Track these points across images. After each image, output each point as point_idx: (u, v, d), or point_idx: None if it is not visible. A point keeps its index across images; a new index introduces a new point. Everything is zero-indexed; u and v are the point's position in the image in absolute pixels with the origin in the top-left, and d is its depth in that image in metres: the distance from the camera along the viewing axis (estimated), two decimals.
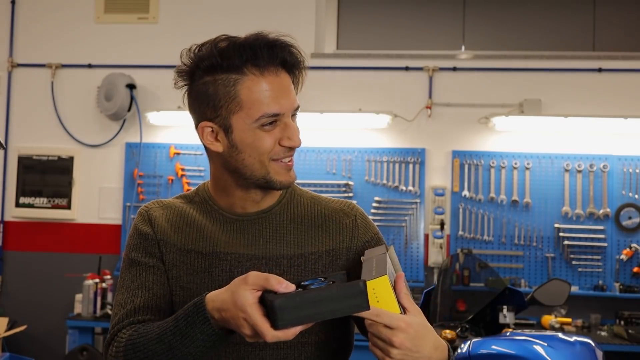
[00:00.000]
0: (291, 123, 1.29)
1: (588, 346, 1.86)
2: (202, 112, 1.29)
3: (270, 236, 1.35)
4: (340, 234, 1.37)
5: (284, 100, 1.26)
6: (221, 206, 1.37)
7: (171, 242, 1.35)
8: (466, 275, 4.04)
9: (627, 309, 4.27)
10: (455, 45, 4.86)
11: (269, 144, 1.27)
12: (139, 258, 1.34)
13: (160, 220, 1.37)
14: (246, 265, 1.32)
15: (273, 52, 1.25)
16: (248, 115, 1.25)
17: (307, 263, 1.34)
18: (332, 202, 1.43)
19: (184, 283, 1.32)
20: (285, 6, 4.75)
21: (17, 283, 4.89)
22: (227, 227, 1.35)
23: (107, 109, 4.71)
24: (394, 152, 4.64)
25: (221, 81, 1.25)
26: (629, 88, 4.58)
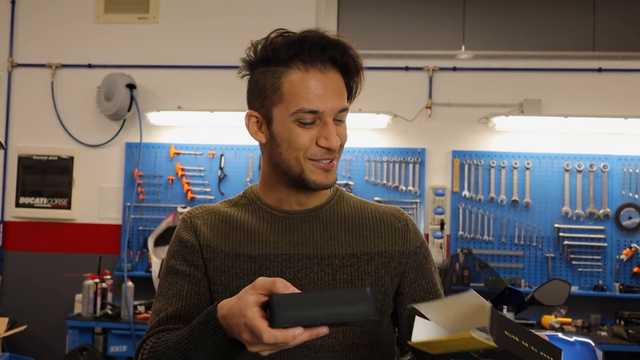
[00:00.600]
0: (330, 123, 1.26)
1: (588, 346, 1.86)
2: (251, 101, 1.31)
3: (321, 235, 1.32)
4: (393, 237, 1.36)
5: (327, 98, 1.24)
6: (269, 204, 1.35)
7: (218, 248, 1.32)
8: (466, 275, 4.04)
9: (627, 309, 4.27)
10: (455, 45, 4.85)
11: (304, 141, 1.25)
12: (177, 266, 1.33)
13: (205, 227, 1.34)
14: (297, 266, 1.29)
15: (322, 49, 1.24)
16: (287, 108, 1.24)
17: (360, 263, 1.31)
18: (381, 206, 1.41)
19: (233, 288, 1.28)
20: (285, 6, 4.75)
21: (17, 283, 4.89)
22: (276, 225, 1.33)
23: (107, 109, 4.71)
24: (394, 152, 4.64)
25: (270, 73, 1.26)
26: (629, 88, 4.58)
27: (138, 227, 4.77)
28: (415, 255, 1.37)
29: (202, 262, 1.31)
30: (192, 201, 4.70)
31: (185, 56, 4.84)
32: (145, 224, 4.75)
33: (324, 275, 1.29)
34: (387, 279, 1.33)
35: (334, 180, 1.31)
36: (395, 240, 1.35)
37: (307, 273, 1.29)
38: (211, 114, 4.62)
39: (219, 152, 4.73)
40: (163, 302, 1.31)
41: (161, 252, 4.41)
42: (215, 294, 1.30)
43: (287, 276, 1.28)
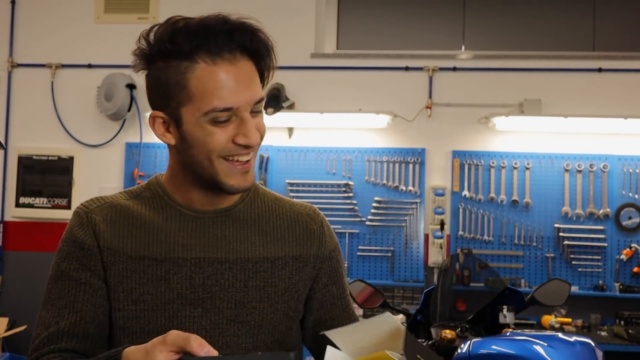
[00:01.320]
0: (248, 118, 1.14)
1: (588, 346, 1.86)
2: (154, 100, 1.19)
3: (234, 236, 1.23)
4: (309, 240, 1.29)
5: (241, 92, 1.12)
6: (178, 201, 1.24)
7: (119, 250, 1.18)
8: (466, 275, 4.04)
9: (627, 309, 4.27)
10: (455, 45, 4.85)
11: (220, 141, 1.13)
12: (70, 271, 1.18)
13: (104, 225, 1.20)
14: (208, 271, 1.19)
15: (228, 36, 1.12)
16: (197, 109, 1.11)
17: (274, 269, 1.24)
18: (296, 204, 1.34)
19: (136, 295, 1.17)
20: (285, 6, 4.75)
21: (17, 283, 4.89)
22: (185, 225, 1.21)
23: (107, 109, 4.71)
24: (394, 152, 4.64)
25: (172, 68, 1.13)
26: (629, 88, 4.58)
27: None
28: (329, 260, 1.32)
29: (100, 266, 1.18)
30: None
31: None
32: None
33: (236, 281, 1.21)
34: (301, 284, 1.27)
35: (252, 181, 1.21)
36: (311, 243, 1.29)
37: (218, 279, 1.20)
38: None
39: None
40: (52, 312, 1.17)
41: None
42: (116, 302, 1.18)
43: (197, 282, 1.19)
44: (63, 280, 1.19)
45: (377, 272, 4.57)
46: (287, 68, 4.68)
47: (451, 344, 2.17)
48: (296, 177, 4.65)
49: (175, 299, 1.18)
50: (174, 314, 1.18)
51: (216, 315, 1.20)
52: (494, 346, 1.88)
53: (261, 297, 1.22)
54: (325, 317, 1.33)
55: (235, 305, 1.21)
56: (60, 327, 1.15)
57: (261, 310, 1.22)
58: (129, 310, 1.18)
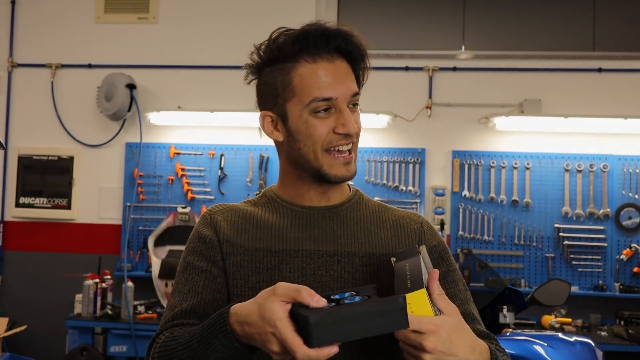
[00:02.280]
0: (346, 109, 1.26)
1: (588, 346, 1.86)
2: (264, 103, 1.32)
3: (341, 232, 1.32)
4: (409, 238, 1.36)
5: (338, 85, 1.25)
6: (289, 200, 1.35)
7: (237, 244, 1.31)
8: (466, 275, 4.04)
9: (627, 309, 4.27)
10: (455, 45, 4.85)
11: (322, 131, 1.25)
12: (194, 262, 1.32)
13: (224, 223, 1.34)
14: (318, 262, 1.28)
15: (326, 40, 1.25)
16: (300, 101, 1.25)
17: (380, 264, 1.31)
18: (399, 210, 1.42)
19: (252, 283, 1.28)
20: (285, 6, 4.75)
21: (17, 283, 4.89)
22: (296, 220, 1.33)
23: (107, 109, 4.71)
24: (394, 152, 4.64)
25: (278, 70, 1.27)
26: (629, 88, 4.58)
27: (138, 227, 4.77)
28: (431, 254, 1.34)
29: (220, 257, 1.31)
30: (192, 201, 4.70)
31: (185, 56, 4.84)
32: (145, 224, 4.75)
33: (344, 273, 1.28)
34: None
35: (354, 172, 1.31)
36: (412, 242, 1.35)
37: (328, 270, 1.28)
38: (211, 114, 4.62)
39: (219, 152, 4.73)
40: (178, 297, 1.30)
41: (161, 252, 4.42)
42: (234, 288, 1.29)
43: (308, 272, 1.27)
44: (188, 270, 1.32)
45: None
46: None
47: None
48: None
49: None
50: None
51: None
52: None
53: None
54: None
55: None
56: (183, 308, 1.27)
57: None
58: (247, 296, 1.25)
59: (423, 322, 1.05)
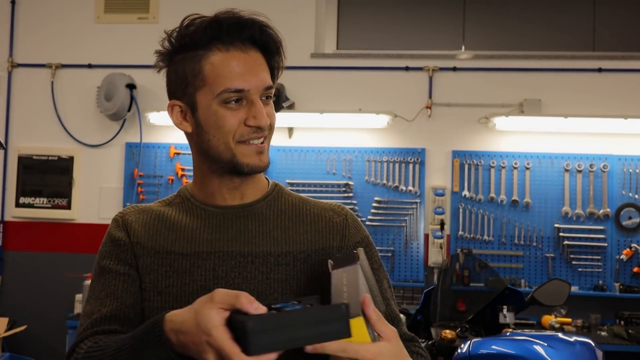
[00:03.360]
0: (258, 101, 1.21)
1: (588, 346, 1.86)
2: (173, 92, 1.27)
3: (256, 231, 1.27)
4: (331, 233, 1.31)
5: (250, 76, 1.20)
6: (202, 200, 1.30)
7: (148, 246, 1.26)
8: (466, 275, 4.04)
9: (627, 309, 4.27)
10: (455, 45, 4.85)
11: (232, 123, 1.20)
12: (110, 265, 1.27)
13: (136, 225, 1.29)
14: (230, 264, 1.24)
15: (240, 28, 1.21)
16: (211, 91, 1.20)
17: (296, 262, 1.26)
18: (321, 202, 1.37)
19: (162, 288, 1.23)
20: (285, 6, 4.75)
21: (17, 283, 4.89)
22: (209, 221, 1.27)
23: (107, 109, 4.71)
24: (394, 152, 4.64)
25: (189, 58, 1.22)
26: (629, 88, 4.58)
27: None
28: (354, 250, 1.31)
29: (133, 258, 1.26)
30: None
31: None
32: None
33: (258, 274, 1.24)
34: (324, 277, 1.26)
35: (267, 163, 1.26)
36: (333, 236, 1.30)
37: (241, 272, 1.24)
38: None
39: None
40: (95, 304, 1.24)
41: None
42: (144, 292, 1.24)
43: (220, 274, 1.23)
44: (104, 275, 1.27)
45: None
46: (287, 68, 4.61)
47: (451, 344, 2.17)
48: (296, 177, 4.65)
49: (199, 290, 1.21)
50: None
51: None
52: (494, 346, 1.88)
53: (283, 290, 1.25)
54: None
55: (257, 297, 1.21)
56: (102, 313, 1.22)
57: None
58: (154, 301, 1.23)
59: (361, 350, 1.00)
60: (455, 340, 2.20)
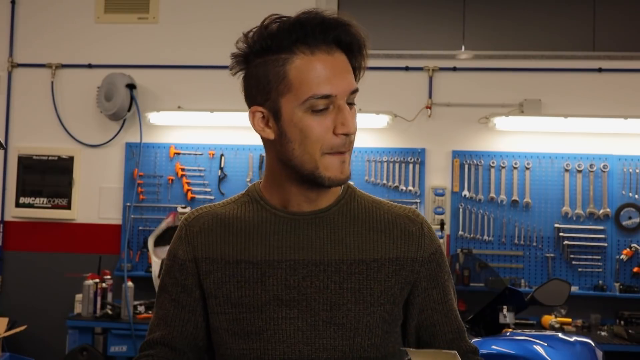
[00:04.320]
0: (345, 107, 1.16)
1: (588, 346, 1.86)
2: (254, 96, 1.21)
3: (328, 238, 1.23)
4: (407, 243, 1.26)
5: (338, 81, 1.15)
6: (273, 204, 1.26)
7: (216, 258, 1.24)
8: (466, 275, 4.04)
9: (627, 309, 4.27)
10: (455, 45, 4.85)
11: (320, 132, 1.15)
12: (167, 285, 1.30)
13: (201, 235, 1.26)
14: (302, 273, 1.21)
15: (325, 30, 1.16)
16: (296, 97, 1.14)
17: (369, 271, 1.22)
18: (395, 206, 1.31)
19: (235, 299, 1.22)
20: (285, 6, 4.73)
21: (17, 283, 4.89)
22: (280, 227, 1.24)
23: (107, 109, 4.71)
24: (394, 152, 4.64)
25: (271, 62, 1.16)
26: (629, 88, 4.58)
27: (138, 227, 4.77)
28: (429, 263, 1.28)
29: (194, 280, 1.27)
30: (192, 201, 4.70)
31: (185, 56, 4.84)
32: (145, 224, 4.75)
33: (331, 283, 1.21)
34: (397, 287, 1.24)
35: (348, 175, 1.22)
36: (409, 247, 1.25)
37: (313, 281, 1.21)
38: (211, 114, 4.62)
39: (219, 152, 4.73)
40: (154, 319, 1.32)
41: (161, 252, 4.41)
42: (217, 307, 1.24)
43: (292, 284, 1.21)
44: (163, 293, 1.31)
45: None
46: None
47: None
48: None
49: (272, 300, 1.21)
50: (270, 316, 1.21)
51: (312, 317, 1.21)
52: (494, 346, 1.88)
53: (356, 299, 1.21)
54: (427, 323, 1.30)
55: (330, 307, 1.21)
56: (155, 337, 1.30)
57: (356, 313, 1.21)
58: (230, 313, 1.23)
59: None
60: None
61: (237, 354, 1.22)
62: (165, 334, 1.28)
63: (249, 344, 1.21)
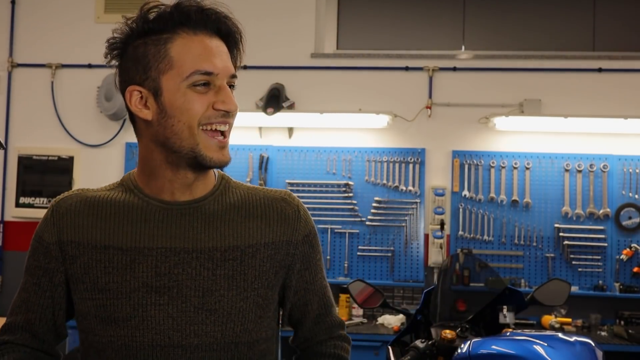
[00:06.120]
0: (226, 86, 1.20)
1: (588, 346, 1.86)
2: (131, 76, 1.22)
3: (202, 227, 1.23)
4: (283, 225, 1.29)
5: (218, 61, 1.19)
6: (147, 193, 1.26)
7: (83, 242, 1.23)
8: (466, 275, 4.03)
9: (627, 309, 4.28)
10: (455, 45, 4.86)
11: (200, 107, 1.18)
12: (31, 268, 1.29)
13: (70, 216, 1.25)
14: (174, 260, 1.21)
15: (206, 17, 1.20)
16: (179, 74, 1.17)
17: (244, 257, 1.24)
18: (271, 191, 1.35)
19: (102, 285, 1.21)
20: (285, 6, 4.75)
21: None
22: (153, 216, 1.23)
23: (107, 109, 4.71)
24: (394, 152, 4.64)
25: (152, 42, 1.19)
26: (629, 88, 4.58)
27: None
28: (302, 245, 1.32)
29: (56, 264, 1.25)
30: None
31: None
32: None
33: (203, 270, 1.21)
34: (272, 272, 1.28)
35: (229, 158, 1.24)
36: (285, 229, 1.29)
37: (185, 268, 1.21)
38: None
39: None
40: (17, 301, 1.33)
41: None
42: (86, 292, 1.23)
43: (163, 271, 1.20)
44: (27, 275, 1.32)
45: (377, 272, 4.57)
46: (287, 68, 4.68)
47: (451, 344, 2.17)
48: (296, 177, 4.65)
49: (141, 287, 1.20)
50: (138, 302, 1.20)
51: (183, 303, 1.21)
52: (494, 346, 1.88)
53: (229, 286, 1.23)
54: (300, 302, 1.37)
55: (202, 293, 1.22)
56: (16, 320, 1.31)
57: (230, 299, 1.23)
58: (97, 299, 1.22)
59: None
60: (455, 340, 2.20)
61: (105, 340, 1.21)
62: (26, 319, 1.29)
63: (117, 330, 1.20)
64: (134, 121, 1.26)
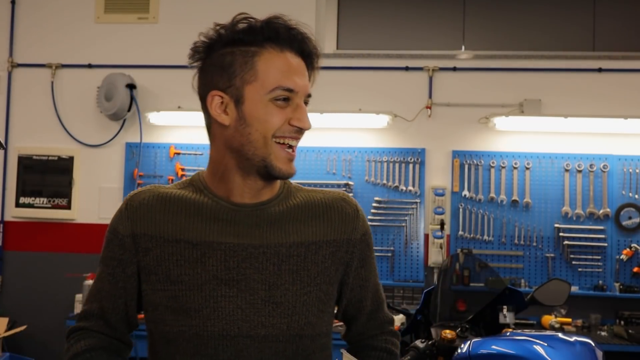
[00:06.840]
0: (303, 105, 1.27)
1: (588, 346, 1.86)
2: (214, 82, 1.28)
3: (268, 226, 1.30)
4: (343, 224, 1.36)
5: (300, 79, 1.26)
6: (217, 194, 1.31)
7: (156, 235, 1.28)
8: (466, 275, 4.03)
9: (627, 309, 4.28)
10: (455, 45, 4.85)
11: (278, 120, 1.24)
12: (105, 259, 1.34)
13: (142, 210, 1.30)
14: (242, 255, 1.27)
15: (292, 36, 1.27)
16: (262, 86, 1.23)
17: (308, 253, 1.30)
18: (329, 192, 1.42)
19: (174, 277, 1.26)
20: (285, 6, 4.72)
21: (17, 283, 4.88)
22: (222, 215, 1.29)
23: (107, 109, 4.71)
24: (394, 152, 4.64)
25: (240, 52, 1.25)
26: (629, 88, 4.58)
27: None
28: (361, 243, 1.38)
29: (130, 255, 1.30)
30: None
31: (185, 56, 4.82)
32: None
33: (269, 265, 1.27)
34: (333, 268, 1.34)
35: (295, 171, 1.31)
36: (344, 228, 1.36)
37: (252, 262, 1.27)
38: None
39: None
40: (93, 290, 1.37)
41: None
42: (158, 283, 1.28)
43: (231, 265, 1.26)
44: (102, 265, 1.35)
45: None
46: None
47: (451, 344, 2.17)
48: (296, 177, 4.57)
49: (211, 279, 1.25)
50: (209, 294, 1.25)
51: (251, 295, 1.26)
52: (494, 346, 1.88)
53: (294, 280, 1.28)
54: (355, 299, 1.43)
55: (269, 287, 1.27)
56: (92, 308, 1.36)
57: (294, 292, 1.28)
58: (169, 290, 1.27)
59: None
60: (455, 340, 2.20)
61: (176, 330, 1.26)
62: (100, 307, 1.34)
63: (188, 320, 1.25)
64: (209, 124, 1.32)
